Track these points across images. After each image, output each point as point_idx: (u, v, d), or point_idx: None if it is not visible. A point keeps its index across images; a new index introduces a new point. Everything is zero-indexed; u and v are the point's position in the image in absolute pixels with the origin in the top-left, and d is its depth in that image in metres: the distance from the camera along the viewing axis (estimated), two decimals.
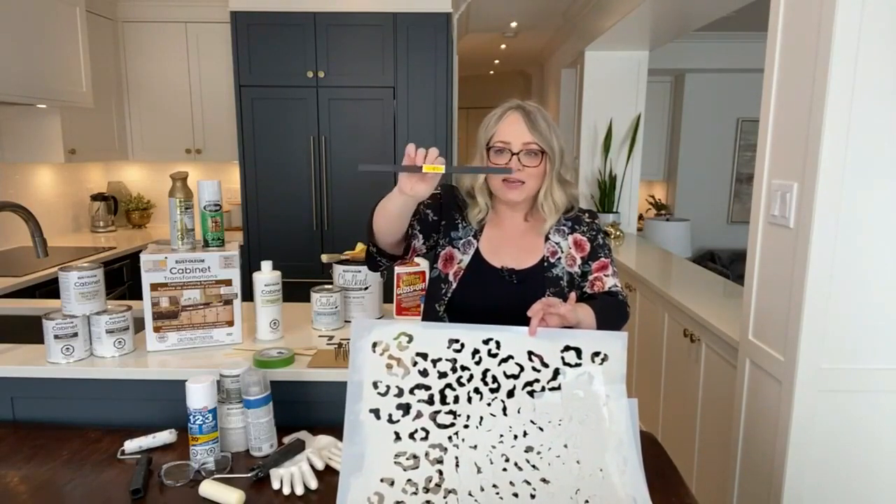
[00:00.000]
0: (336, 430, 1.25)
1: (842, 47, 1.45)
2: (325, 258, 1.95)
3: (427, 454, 1.14)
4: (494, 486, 1.12)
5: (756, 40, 4.80)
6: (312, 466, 1.27)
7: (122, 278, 3.32)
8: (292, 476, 1.22)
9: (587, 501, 1.10)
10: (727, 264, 5.40)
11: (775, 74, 1.71)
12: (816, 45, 1.52)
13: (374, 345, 1.19)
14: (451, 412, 1.17)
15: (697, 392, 2.33)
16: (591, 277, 1.45)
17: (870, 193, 1.52)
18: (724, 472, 2.04)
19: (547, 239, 1.45)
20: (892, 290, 1.56)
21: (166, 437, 1.38)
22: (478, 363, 1.19)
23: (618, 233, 4.21)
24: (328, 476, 1.24)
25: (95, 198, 3.98)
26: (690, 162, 5.72)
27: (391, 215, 1.30)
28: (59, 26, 3.14)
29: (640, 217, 5.26)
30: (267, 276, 1.68)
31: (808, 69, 1.55)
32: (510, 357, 1.19)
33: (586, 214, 1.50)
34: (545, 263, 1.43)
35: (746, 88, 5.39)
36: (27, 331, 1.91)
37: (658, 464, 1.29)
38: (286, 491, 1.19)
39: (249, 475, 1.23)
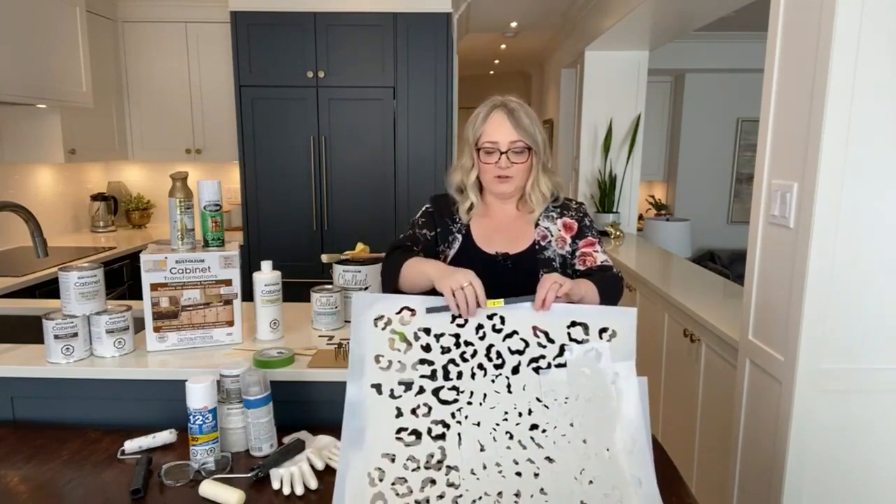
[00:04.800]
0: (336, 429, 1.25)
1: (842, 47, 1.45)
2: (325, 258, 1.95)
3: (429, 430, 1.13)
4: (497, 464, 1.10)
5: (756, 40, 4.80)
6: (312, 466, 1.27)
7: (122, 278, 3.32)
8: (292, 476, 1.22)
9: (591, 482, 1.09)
10: (727, 264, 5.40)
11: (775, 74, 1.71)
12: (816, 45, 1.51)
13: (377, 319, 1.18)
14: (454, 388, 1.15)
15: (697, 392, 2.33)
16: (579, 253, 1.51)
17: (870, 193, 1.51)
18: (724, 472, 2.04)
19: (537, 225, 1.53)
20: (892, 290, 1.56)
21: (166, 437, 1.38)
22: (482, 338, 1.18)
23: (618, 233, 4.20)
24: (328, 476, 1.24)
25: (95, 198, 3.97)
26: (690, 162, 5.72)
27: (419, 287, 1.38)
28: (59, 26, 3.13)
29: (640, 217, 5.26)
30: (267, 276, 1.68)
31: (808, 69, 1.55)
32: (515, 332, 1.18)
33: (573, 202, 1.60)
34: (536, 246, 1.50)
35: (746, 88, 5.39)
36: (27, 331, 1.91)
37: (658, 464, 1.28)
38: (286, 491, 1.19)
39: (249, 475, 1.23)
